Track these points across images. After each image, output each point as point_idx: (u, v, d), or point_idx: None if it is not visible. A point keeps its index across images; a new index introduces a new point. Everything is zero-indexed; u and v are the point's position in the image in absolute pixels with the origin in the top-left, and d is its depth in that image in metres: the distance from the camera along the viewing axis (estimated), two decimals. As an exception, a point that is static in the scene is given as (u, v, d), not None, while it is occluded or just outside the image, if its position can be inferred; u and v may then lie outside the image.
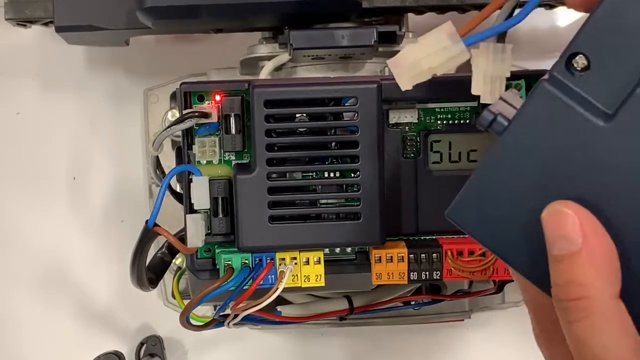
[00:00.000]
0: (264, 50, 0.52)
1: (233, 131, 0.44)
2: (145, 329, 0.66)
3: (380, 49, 0.49)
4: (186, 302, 0.45)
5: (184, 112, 0.43)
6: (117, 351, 0.64)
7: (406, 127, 0.46)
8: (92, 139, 0.66)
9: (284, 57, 0.51)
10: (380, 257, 0.44)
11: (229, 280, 0.43)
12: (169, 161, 0.50)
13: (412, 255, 0.44)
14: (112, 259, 0.65)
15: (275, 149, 0.43)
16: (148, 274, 0.47)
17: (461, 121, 0.46)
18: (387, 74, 0.51)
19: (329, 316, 0.52)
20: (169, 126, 0.43)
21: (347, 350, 0.66)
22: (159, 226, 0.44)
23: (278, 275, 0.44)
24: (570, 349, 0.31)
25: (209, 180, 0.44)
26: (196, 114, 0.43)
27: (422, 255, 0.44)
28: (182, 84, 0.44)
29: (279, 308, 0.51)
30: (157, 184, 0.52)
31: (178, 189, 0.50)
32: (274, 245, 0.44)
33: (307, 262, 0.44)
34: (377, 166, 0.43)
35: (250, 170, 0.43)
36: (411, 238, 0.46)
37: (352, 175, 0.44)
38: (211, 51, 0.63)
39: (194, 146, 0.44)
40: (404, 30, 0.52)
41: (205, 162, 0.45)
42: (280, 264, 0.44)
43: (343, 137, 0.43)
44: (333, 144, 0.44)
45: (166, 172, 0.46)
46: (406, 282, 0.45)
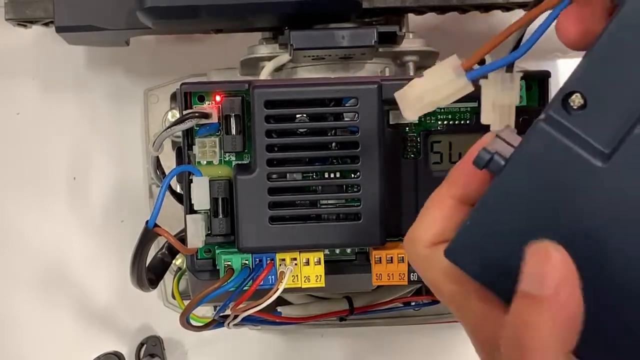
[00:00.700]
0: (264, 50, 0.52)
1: (233, 132, 0.44)
2: (145, 329, 0.66)
3: (381, 49, 0.49)
4: (186, 302, 0.45)
5: (185, 112, 0.43)
6: (117, 351, 0.64)
7: (406, 128, 0.46)
8: (92, 139, 0.66)
9: (284, 57, 0.50)
10: (380, 257, 0.44)
11: (229, 281, 0.43)
12: (169, 161, 0.50)
13: (413, 256, 0.44)
14: (112, 259, 0.65)
15: (276, 149, 0.43)
16: (148, 274, 0.47)
17: (461, 122, 0.46)
18: (387, 74, 0.51)
19: (329, 317, 0.52)
20: (170, 126, 0.43)
21: (347, 351, 0.66)
22: (159, 227, 0.44)
23: (278, 275, 0.44)
24: None
25: (209, 181, 0.44)
26: (196, 114, 0.43)
27: (422, 255, 0.44)
28: (182, 84, 0.44)
29: (279, 309, 0.51)
30: (157, 184, 0.52)
31: (178, 190, 0.50)
32: (274, 245, 0.44)
33: (307, 263, 0.44)
34: (377, 167, 0.43)
35: (250, 171, 0.43)
36: (411, 239, 0.46)
37: (353, 175, 0.44)
38: (211, 51, 0.63)
39: (194, 146, 0.44)
40: (404, 30, 0.52)
41: (205, 162, 0.45)
42: (280, 265, 0.44)
43: (343, 138, 0.43)
44: (333, 144, 0.44)
45: (166, 172, 0.46)
46: (406, 283, 0.45)
